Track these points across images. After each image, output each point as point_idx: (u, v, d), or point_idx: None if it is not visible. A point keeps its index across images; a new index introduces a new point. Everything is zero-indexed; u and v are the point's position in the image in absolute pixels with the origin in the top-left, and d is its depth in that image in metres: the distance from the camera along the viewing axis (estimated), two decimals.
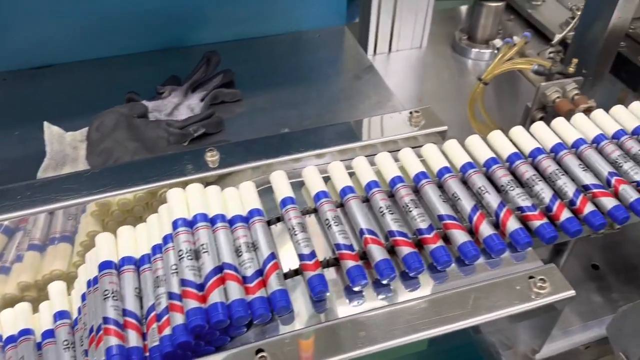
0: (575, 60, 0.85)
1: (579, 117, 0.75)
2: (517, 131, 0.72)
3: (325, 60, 1.11)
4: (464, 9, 1.57)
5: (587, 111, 0.78)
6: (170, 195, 0.64)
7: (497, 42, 0.90)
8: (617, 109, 0.77)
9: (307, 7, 1.14)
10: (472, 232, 0.61)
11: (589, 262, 0.93)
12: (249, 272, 0.56)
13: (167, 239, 0.61)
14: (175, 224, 0.61)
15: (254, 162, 0.72)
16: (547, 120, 0.75)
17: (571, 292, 0.57)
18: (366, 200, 0.65)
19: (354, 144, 0.72)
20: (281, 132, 0.84)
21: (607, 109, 0.76)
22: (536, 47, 1.17)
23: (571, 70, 0.85)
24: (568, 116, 0.76)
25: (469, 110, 0.93)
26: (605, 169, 0.67)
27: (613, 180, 0.65)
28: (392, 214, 0.61)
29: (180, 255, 0.57)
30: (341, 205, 0.64)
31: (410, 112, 0.77)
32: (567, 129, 0.72)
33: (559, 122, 0.74)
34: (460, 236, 0.59)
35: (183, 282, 0.55)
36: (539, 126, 0.73)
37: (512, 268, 0.60)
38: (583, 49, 0.90)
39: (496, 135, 0.71)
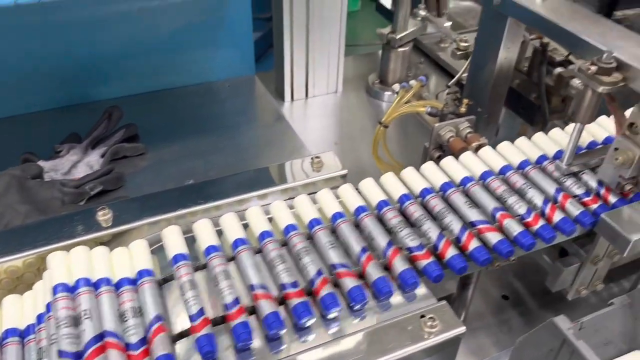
0: (465, 101, 0.89)
1: (467, 155, 0.78)
2: (408, 172, 0.74)
3: (235, 109, 1.12)
4: (379, 54, 1.63)
5: (479, 148, 0.82)
6: (50, 261, 0.61)
7: (396, 86, 0.94)
8: (504, 145, 0.81)
9: (216, 58, 1.15)
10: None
11: (499, 293, 0.95)
12: (134, 339, 0.54)
13: (49, 306, 0.58)
14: (54, 290, 0.58)
15: (149, 218, 0.70)
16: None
17: (462, 329, 0.58)
18: (259, 251, 0.64)
19: (252, 194, 0.71)
20: (182, 185, 0.83)
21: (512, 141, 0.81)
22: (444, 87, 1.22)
23: (462, 110, 0.89)
24: (461, 154, 0.79)
25: (373, 152, 0.96)
26: (490, 204, 0.69)
27: (498, 215, 0.68)
28: (283, 263, 0.61)
29: (58, 324, 0.54)
30: (233, 258, 0.63)
31: (312, 158, 0.77)
32: (456, 168, 0.75)
33: (447, 161, 0.76)
34: (349, 282, 0.59)
35: (60, 353, 0.52)
36: (428, 166, 0.76)
37: (405, 308, 0.60)
38: (476, 89, 0.95)
39: (388, 178, 0.73)
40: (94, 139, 0.93)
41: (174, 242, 0.64)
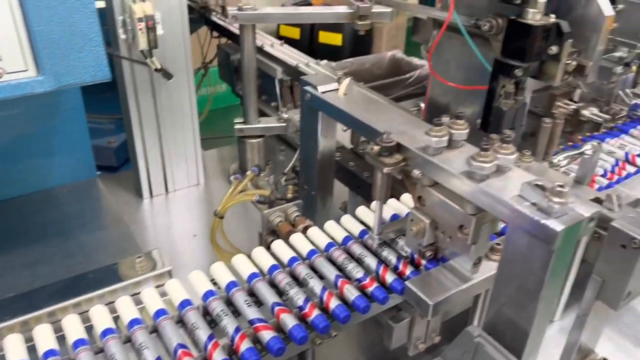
0: (290, 187, 0.96)
1: (295, 236, 0.84)
2: (238, 259, 0.78)
3: (71, 215, 1.11)
4: None
5: (307, 229, 0.88)
6: None
7: (232, 178, 0.99)
8: (329, 224, 0.88)
9: (53, 164, 1.16)
10: None
11: None
12: None
13: None
14: None
15: None
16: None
17: None
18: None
19: (66, 303, 0.71)
20: None
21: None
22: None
23: (290, 195, 0.95)
24: (289, 236, 0.85)
25: (211, 242, 0.99)
26: (317, 285, 0.74)
27: (326, 294, 0.73)
28: None
29: None
30: None
31: (137, 258, 0.79)
32: (283, 250, 0.80)
33: (276, 245, 0.81)
34: None
35: None
36: (258, 252, 0.80)
37: None
38: (307, 174, 1.03)
39: (216, 267, 0.77)
40: None
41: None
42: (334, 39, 3.75)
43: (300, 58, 1.54)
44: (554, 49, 0.87)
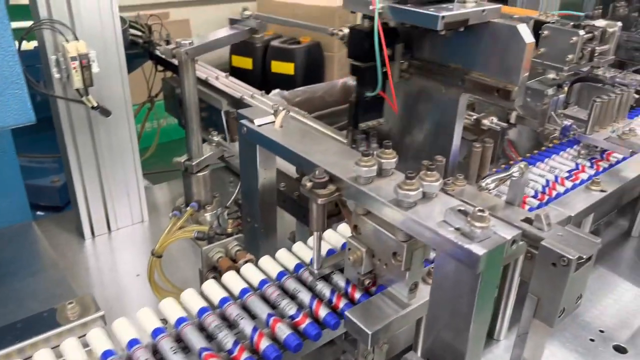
0: (230, 221, 0.95)
1: (227, 275, 0.83)
2: (166, 304, 0.76)
3: (4, 260, 1.07)
4: None
5: (248, 262, 0.87)
6: None
7: (170, 215, 0.98)
8: (265, 259, 0.87)
9: None
10: None
11: None
12: None
13: None
14: None
15: None
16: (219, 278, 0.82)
17: None
18: None
19: None
20: None
21: None
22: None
23: (230, 230, 0.94)
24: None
25: (149, 281, 0.96)
26: (248, 326, 0.73)
27: (256, 334, 0.72)
28: None
29: None
30: None
31: (69, 304, 0.76)
32: (213, 291, 0.79)
33: (207, 286, 0.80)
34: None
35: None
36: (188, 294, 0.78)
37: None
38: (249, 207, 1.03)
39: (143, 313, 0.74)
40: None
41: None
42: (286, 68, 3.80)
43: (246, 90, 1.55)
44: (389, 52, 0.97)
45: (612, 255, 1.26)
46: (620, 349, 1.02)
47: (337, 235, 0.91)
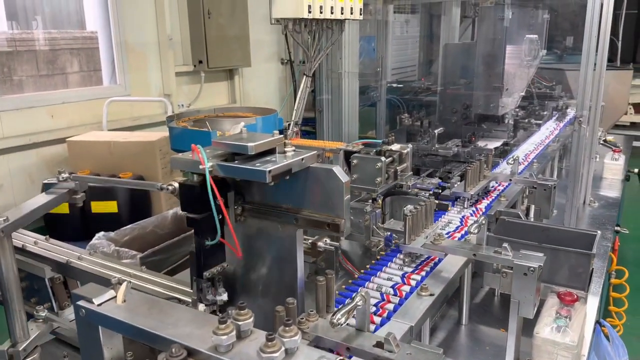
0: None
1: None
2: None
3: None
4: None
5: None
6: None
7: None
8: None
9: None
10: None
11: None
12: None
13: None
14: None
15: None
16: None
17: None
18: None
19: None
20: None
21: None
22: None
23: None
24: None
25: None
26: None
27: None
28: None
29: None
30: None
31: None
32: None
33: None
34: None
35: None
36: None
37: None
38: None
39: None
40: None
41: None
42: (109, 206, 3.59)
43: (72, 252, 1.45)
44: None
45: (451, 345, 1.39)
46: None
47: None
